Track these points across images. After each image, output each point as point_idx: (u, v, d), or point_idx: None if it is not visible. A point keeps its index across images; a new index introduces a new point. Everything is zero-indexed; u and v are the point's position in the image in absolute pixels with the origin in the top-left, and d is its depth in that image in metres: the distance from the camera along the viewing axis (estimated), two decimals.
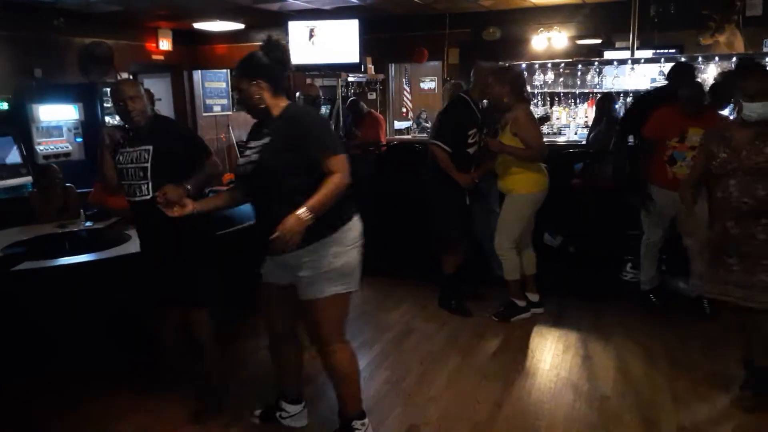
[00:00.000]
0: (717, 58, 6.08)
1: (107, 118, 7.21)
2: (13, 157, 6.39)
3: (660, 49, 6.83)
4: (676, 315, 4.05)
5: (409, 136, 9.07)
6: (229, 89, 10.36)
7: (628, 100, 6.58)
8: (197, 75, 10.03)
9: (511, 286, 4.08)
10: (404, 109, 10.24)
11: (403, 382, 3.29)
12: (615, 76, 6.72)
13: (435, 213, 4.19)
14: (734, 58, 5.96)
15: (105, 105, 7.17)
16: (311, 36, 7.64)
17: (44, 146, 6.71)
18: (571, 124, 7.14)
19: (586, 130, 6.74)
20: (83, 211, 4.41)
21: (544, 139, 4.20)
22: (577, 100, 7.12)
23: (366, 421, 2.62)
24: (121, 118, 2.92)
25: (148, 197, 2.76)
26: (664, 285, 4.29)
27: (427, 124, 9.15)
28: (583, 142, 6.39)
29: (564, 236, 4.76)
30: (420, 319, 4.18)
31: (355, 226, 2.48)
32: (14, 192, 6.08)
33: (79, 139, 7.03)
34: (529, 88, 6.72)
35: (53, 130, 6.85)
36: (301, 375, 2.90)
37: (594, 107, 6.53)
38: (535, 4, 7.54)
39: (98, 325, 3.37)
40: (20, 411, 3.04)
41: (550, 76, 7.10)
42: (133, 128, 2.86)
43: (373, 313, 4.26)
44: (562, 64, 6.98)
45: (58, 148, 6.82)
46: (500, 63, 5.24)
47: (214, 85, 10.23)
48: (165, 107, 9.39)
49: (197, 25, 8.67)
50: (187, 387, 3.13)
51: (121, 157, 2.86)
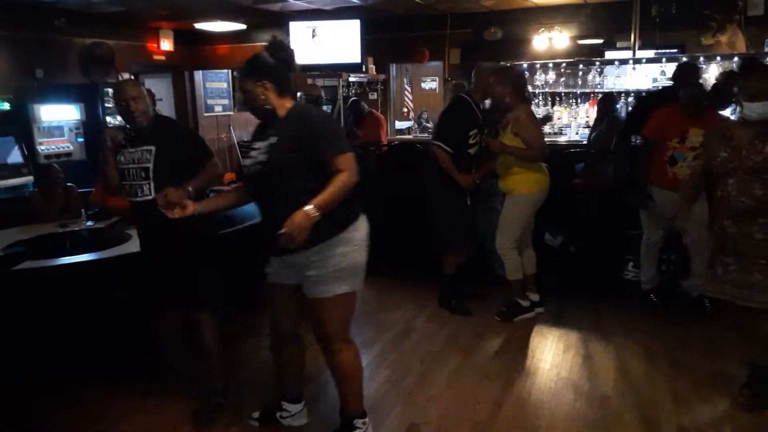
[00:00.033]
0: (718, 58, 6.07)
1: (108, 118, 7.23)
2: (15, 156, 6.41)
3: (661, 49, 6.82)
4: (676, 315, 4.04)
5: (411, 136, 9.08)
6: (231, 89, 10.36)
7: (630, 100, 6.59)
8: (198, 75, 10.04)
9: (513, 286, 4.08)
10: (405, 109, 10.26)
11: (403, 382, 3.29)
12: (616, 76, 6.72)
13: (436, 213, 4.18)
14: (736, 58, 5.95)
15: (106, 105, 7.19)
16: (314, 35, 7.65)
17: (45, 146, 6.73)
18: (572, 124, 7.14)
19: (587, 130, 6.74)
20: (84, 211, 4.42)
21: (545, 139, 4.19)
22: (579, 100, 7.12)
23: (367, 420, 2.63)
24: (123, 119, 2.91)
25: (150, 198, 2.74)
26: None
27: (428, 124, 9.15)
28: (585, 142, 6.39)
29: (565, 236, 4.75)
30: (420, 319, 4.18)
31: (362, 226, 2.48)
32: (15, 192, 6.10)
33: (81, 139, 7.05)
34: (530, 88, 6.74)
35: (54, 130, 6.87)
36: (303, 375, 2.90)
37: (595, 107, 6.53)
38: (537, 4, 7.54)
39: (99, 325, 3.37)
40: (20, 411, 3.04)
41: (552, 76, 7.10)
42: (135, 129, 2.85)
43: (374, 313, 4.25)
44: (564, 64, 6.98)
45: (59, 148, 6.84)
46: (501, 63, 5.24)
47: (215, 86, 10.23)
48: (166, 107, 9.40)
49: (198, 26, 8.67)
50: (188, 387, 3.13)
51: (123, 158, 2.85)
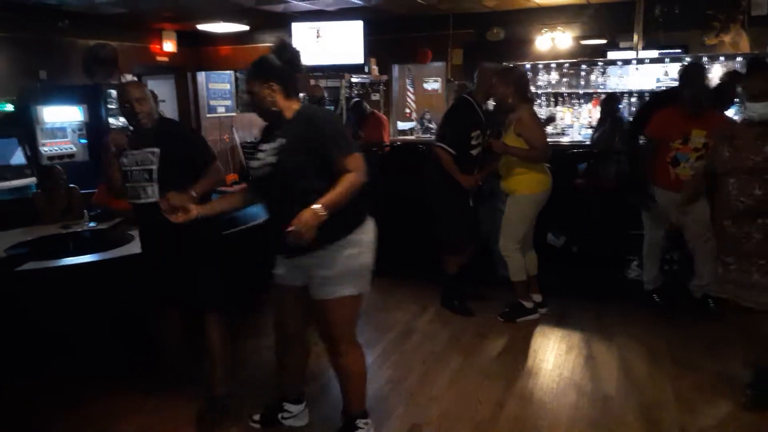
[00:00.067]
0: (722, 58, 6.07)
1: (111, 120, 7.24)
2: (18, 158, 6.42)
3: (664, 50, 6.80)
4: (679, 315, 4.02)
5: (413, 137, 9.07)
6: (233, 91, 10.38)
7: (633, 100, 6.58)
8: (201, 76, 10.06)
9: (517, 287, 4.05)
10: (408, 110, 10.25)
11: (405, 382, 3.28)
12: (619, 77, 6.72)
13: (438, 214, 4.18)
14: (739, 58, 5.94)
15: (109, 106, 7.20)
16: (318, 36, 7.66)
17: (48, 147, 6.74)
18: (575, 124, 7.14)
19: (590, 130, 6.73)
20: (87, 212, 4.43)
21: (548, 139, 4.18)
22: (581, 101, 7.12)
23: (369, 420, 2.62)
24: (127, 120, 2.90)
25: (153, 200, 2.72)
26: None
27: (431, 125, 9.14)
28: (587, 143, 6.38)
29: (567, 236, 4.74)
30: (422, 319, 4.17)
31: (370, 229, 2.48)
32: (19, 193, 6.10)
33: (84, 141, 7.06)
34: (533, 89, 6.75)
35: (57, 132, 6.88)
36: (305, 376, 2.90)
37: (598, 107, 6.52)
38: (539, 4, 7.53)
39: (101, 326, 3.38)
40: (21, 410, 3.05)
41: (554, 77, 7.10)
42: (139, 130, 2.84)
43: (376, 313, 4.25)
44: (566, 65, 6.98)
45: (62, 150, 6.85)
46: (504, 63, 5.24)
47: (218, 87, 10.26)
48: (169, 108, 9.43)
49: (201, 27, 8.70)
50: (188, 387, 3.13)
51: (126, 159, 2.84)
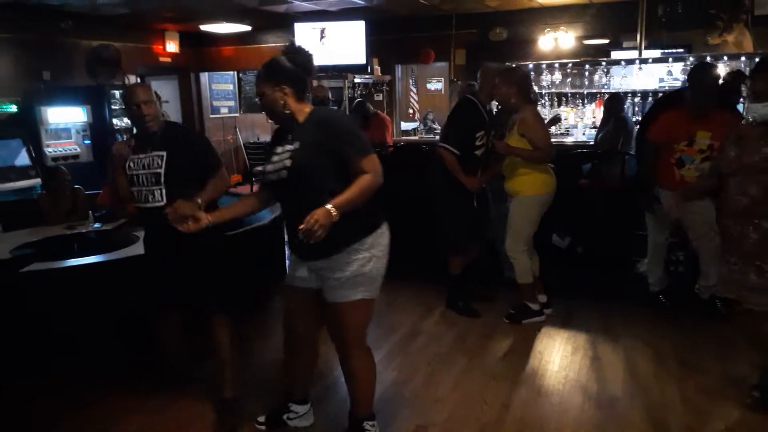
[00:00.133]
0: (725, 58, 6.05)
1: (115, 121, 7.26)
2: (22, 159, 6.45)
3: (668, 49, 6.79)
4: (686, 316, 4.01)
5: (416, 137, 9.07)
6: (236, 91, 10.39)
7: (636, 100, 6.57)
8: (204, 77, 10.08)
9: (523, 289, 4.02)
10: (411, 110, 10.25)
11: (410, 383, 3.28)
12: (623, 76, 6.70)
13: (442, 215, 4.16)
14: (743, 58, 5.92)
15: (113, 107, 7.22)
16: (322, 37, 7.66)
17: (53, 148, 6.77)
18: (579, 124, 7.13)
19: (593, 130, 6.72)
20: (92, 213, 4.44)
21: (552, 140, 4.17)
22: (585, 101, 7.11)
23: (375, 422, 2.62)
24: (134, 123, 2.88)
25: (162, 203, 2.70)
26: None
27: (434, 125, 9.14)
28: (591, 143, 6.37)
29: (572, 237, 4.73)
30: (427, 321, 4.16)
31: (385, 233, 2.48)
32: (23, 194, 6.13)
33: (88, 141, 7.08)
34: (536, 89, 6.73)
35: (61, 132, 6.91)
36: (313, 377, 2.90)
37: (602, 107, 6.51)
38: (542, 4, 7.52)
39: (104, 326, 3.39)
40: (23, 410, 3.06)
41: (558, 77, 7.09)
42: (145, 133, 2.81)
43: (381, 315, 4.23)
44: (570, 65, 6.97)
45: (66, 150, 6.88)
46: (507, 64, 5.23)
47: (221, 87, 10.27)
48: (172, 109, 9.44)
49: (204, 27, 8.70)
50: (190, 388, 3.14)
51: (132, 164, 2.81)
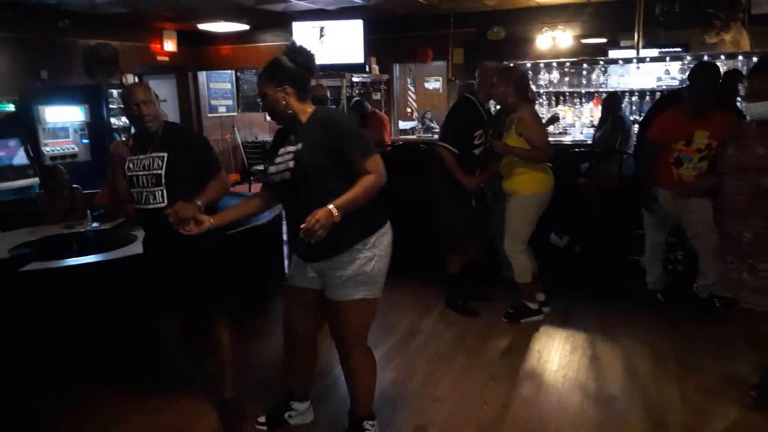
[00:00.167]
0: (723, 57, 6.06)
1: (113, 120, 7.25)
2: (20, 158, 6.44)
3: (665, 48, 6.80)
4: (684, 315, 4.02)
5: (414, 137, 9.08)
6: (234, 90, 10.38)
7: (634, 99, 6.59)
8: (202, 76, 10.06)
9: (521, 288, 4.02)
10: (409, 109, 10.25)
11: (409, 383, 3.28)
12: (620, 75, 6.72)
13: (440, 214, 4.16)
14: (740, 57, 5.94)
15: (111, 106, 7.22)
16: (321, 36, 7.66)
17: (51, 147, 6.76)
18: (577, 123, 7.14)
19: (591, 129, 6.73)
20: (90, 212, 4.43)
21: (550, 139, 4.17)
22: (583, 100, 7.12)
23: (375, 422, 2.62)
24: (132, 124, 2.85)
25: (163, 205, 2.68)
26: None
27: (432, 124, 9.14)
28: (589, 142, 6.38)
29: (570, 236, 4.74)
30: (426, 320, 4.17)
31: (387, 233, 2.48)
32: (21, 193, 6.12)
33: (86, 141, 7.07)
34: (534, 88, 6.74)
35: (59, 132, 6.90)
36: (313, 376, 2.91)
37: (599, 106, 6.52)
38: (540, 3, 7.52)
39: (104, 326, 3.38)
40: (23, 411, 3.05)
41: (555, 76, 7.11)
42: (144, 134, 2.78)
43: (380, 314, 4.16)
44: (567, 64, 6.98)
45: (64, 150, 6.87)
46: (505, 63, 5.24)
47: (219, 86, 10.26)
48: (170, 108, 9.43)
49: (202, 26, 8.69)
50: (189, 388, 3.14)
51: (131, 165, 2.78)
